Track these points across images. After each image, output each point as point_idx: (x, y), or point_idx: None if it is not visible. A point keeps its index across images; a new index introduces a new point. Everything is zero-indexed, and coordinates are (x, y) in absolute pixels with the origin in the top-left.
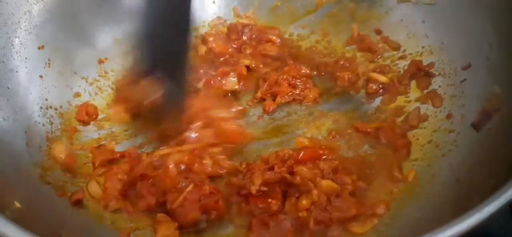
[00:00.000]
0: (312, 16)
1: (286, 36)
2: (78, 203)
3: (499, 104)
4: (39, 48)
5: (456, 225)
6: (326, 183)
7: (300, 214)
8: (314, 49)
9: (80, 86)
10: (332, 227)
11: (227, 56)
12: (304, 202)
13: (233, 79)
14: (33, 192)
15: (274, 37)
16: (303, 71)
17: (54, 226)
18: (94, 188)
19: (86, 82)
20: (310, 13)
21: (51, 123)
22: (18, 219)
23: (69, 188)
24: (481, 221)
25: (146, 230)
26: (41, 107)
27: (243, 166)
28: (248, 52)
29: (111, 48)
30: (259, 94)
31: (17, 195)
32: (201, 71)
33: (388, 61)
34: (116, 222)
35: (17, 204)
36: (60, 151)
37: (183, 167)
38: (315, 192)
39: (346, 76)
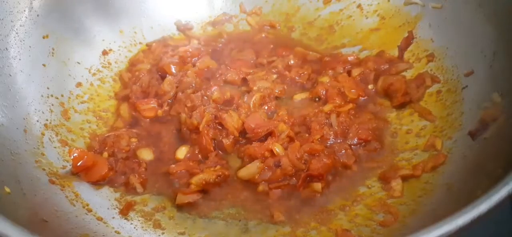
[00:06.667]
0: (319, 13)
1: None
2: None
3: (498, 114)
4: (43, 37)
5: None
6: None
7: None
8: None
9: (82, 76)
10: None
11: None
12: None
13: None
14: (25, 178)
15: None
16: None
17: (42, 213)
18: None
19: (89, 72)
20: (318, 10)
21: (51, 111)
22: (6, 204)
23: (62, 176)
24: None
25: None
26: (42, 95)
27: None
28: None
29: (116, 39)
30: None
31: (9, 180)
32: None
33: None
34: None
35: (7, 189)
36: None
37: None
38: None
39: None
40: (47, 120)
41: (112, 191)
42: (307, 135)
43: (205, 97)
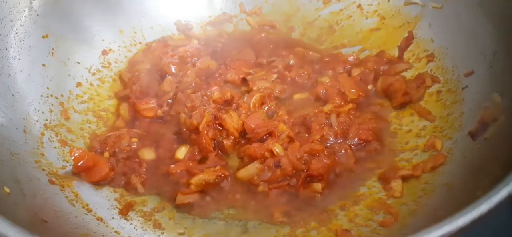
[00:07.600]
0: (319, 13)
1: (295, 34)
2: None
3: (498, 114)
4: (43, 37)
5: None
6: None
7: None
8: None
9: (82, 76)
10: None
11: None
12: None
13: None
14: (25, 179)
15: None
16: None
17: (41, 213)
18: None
19: (89, 72)
20: (318, 10)
21: (51, 111)
22: (5, 205)
23: (61, 176)
24: (481, 215)
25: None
26: (42, 95)
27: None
28: None
29: (116, 39)
30: None
31: (9, 180)
32: None
33: None
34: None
35: (7, 189)
36: None
37: None
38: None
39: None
40: (47, 120)
41: (112, 191)
42: (307, 135)
43: (205, 97)
